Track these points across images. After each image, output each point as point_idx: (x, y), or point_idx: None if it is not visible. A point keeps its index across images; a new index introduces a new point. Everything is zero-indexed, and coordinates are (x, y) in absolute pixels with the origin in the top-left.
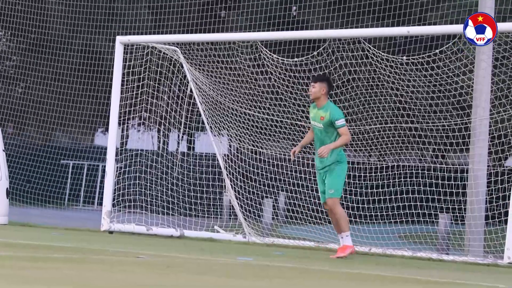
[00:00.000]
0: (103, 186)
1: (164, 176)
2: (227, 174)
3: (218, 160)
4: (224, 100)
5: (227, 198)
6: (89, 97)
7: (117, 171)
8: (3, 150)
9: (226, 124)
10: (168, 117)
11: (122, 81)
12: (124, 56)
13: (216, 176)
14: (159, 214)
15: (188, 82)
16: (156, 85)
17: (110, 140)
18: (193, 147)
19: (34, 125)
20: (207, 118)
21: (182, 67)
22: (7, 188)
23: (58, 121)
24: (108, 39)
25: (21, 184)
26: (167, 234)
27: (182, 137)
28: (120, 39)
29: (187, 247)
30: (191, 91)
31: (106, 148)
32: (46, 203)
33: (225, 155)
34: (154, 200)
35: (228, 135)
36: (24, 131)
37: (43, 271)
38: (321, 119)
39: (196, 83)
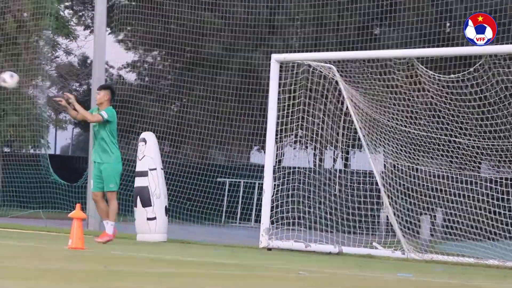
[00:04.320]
0: (260, 203)
1: (321, 193)
2: (385, 191)
3: (374, 177)
4: (380, 117)
5: (384, 215)
6: (245, 115)
7: (274, 189)
8: (162, 169)
9: (383, 141)
10: (323, 134)
11: (278, 99)
12: (279, 74)
13: (374, 193)
14: (317, 230)
15: (343, 100)
16: (312, 102)
17: (268, 157)
18: (349, 164)
19: (190, 143)
20: (364, 135)
21: (338, 84)
22: (165, 206)
23: (214, 139)
24: (265, 57)
25: (179, 201)
26: (326, 251)
27: (338, 154)
28: (276, 57)
29: (346, 264)
30: (347, 108)
31: (262, 166)
32: (204, 220)
33: (382, 172)
34: (312, 217)
35: (384, 152)
36: (180, 149)
37: (201, 286)
38: None
39: (352, 100)
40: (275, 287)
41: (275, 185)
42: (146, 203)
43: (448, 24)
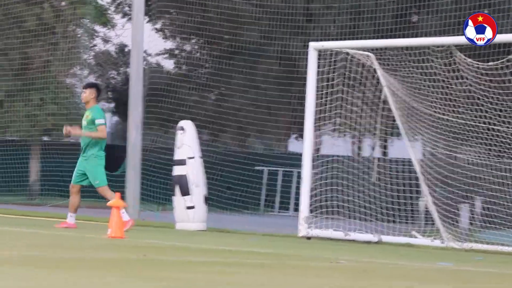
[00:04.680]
0: (298, 192)
1: (359, 181)
2: (423, 180)
3: (413, 166)
4: (419, 105)
5: (423, 203)
6: (283, 104)
7: (313, 177)
8: (200, 157)
9: (421, 129)
10: (362, 122)
11: (316, 87)
12: (318, 62)
13: (413, 182)
14: (356, 219)
15: (382, 88)
16: (350, 90)
17: (306, 146)
18: (387, 152)
19: (229, 131)
20: (402, 123)
21: (376, 72)
22: (204, 195)
23: (252, 127)
24: (303, 45)
25: (218, 190)
26: (365, 240)
27: (376, 142)
28: (314, 45)
29: (385, 253)
30: (385, 96)
31: (300, 154)
32: (243, 209)
33: (420, 160)
34: (351, 206)
35: (422, 140)
36: (219, 137)
37: (235, 276)
38: (86, 118)
39: (390, 88)
40: (314, 276)
41: (313, 173)
42: (185, 191)
43: (486, 11)
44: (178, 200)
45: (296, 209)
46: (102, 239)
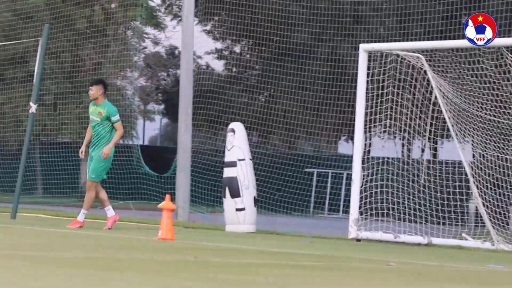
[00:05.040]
0: (348, 194)
1: (410, 183)
2: (473, 181)
3: (463, 167)
4: (469, 106)
5: (473, 205)
6: (332, 105)
7: (363, 179)
8: (250, 159)
9: (471, 130)
10: (412, 124)
11: (366, 88)
12: (368, 63)
13: (463, 184)
14: (406, 221)
15: (432, 89)
16: (400, 92)
17: (356, 148)
18: (438, 154)
19: (279, 133)
20: (452, 125)
21: (426, 74)
22: (254, 197)
23: (302, 129)
24: (352, 47)
25: (267, 192)
26: (415, 242)
27: (426, 144)
28: (364, 47)
29: (435, 255)
30: (435, 98)
31: (350, 156)
32: (292, 211)
33: (470, 162)
34: (400, 208)
35: (473, 142)
36: (268, 139)
37: (291, 277)
38: (99, 114)
39: (440, 90)
40: (364, 278)
41: (363, 175)
42: (235, 193)
43: None
44: (228, 202)
45: (346, 211)
46: (152, 241)
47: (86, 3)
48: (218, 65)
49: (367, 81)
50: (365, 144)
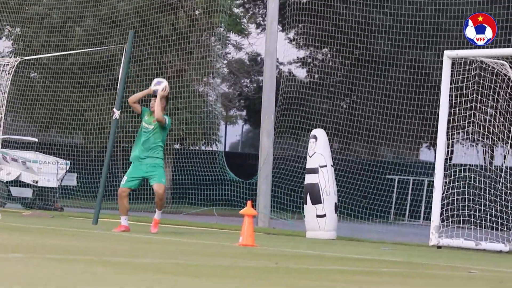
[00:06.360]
0: (429, 200)
1: (491, 190)
2: None
3: None
4: None
5: None
6: (414, 112)
7: (444, 186)
8: (332, 166)
9: None
10: (494, 131)
11: (449, 95)
12: (451, 70)
13: None
14: (487, 228)
15: None
16: (483, 99)
17: (439, 154)
18: None
19: (360, 139)
20: None
21: (510, 81)
22: (335, 203)
23: (383, 136)
24: (435, 54)
25: (348, 198)
26: (496, 249)
27: (509, 151)
28: (448, 54)
29: None
30: None
31: (431, 163)
32: (373, 217)
33: None
34: (482, 215)
35: None
36: (350, 145)
37: (371, 284)
38: (154, 121)
39: None
40: (445, 285)
41: (445, 182)
42: (316, 200)
43: None
44: (309, 208)
45: (427, 218)
46: (233, 247)
47: (171, 10)
48: (301, 72)
49: (450, 88)
50: (447, 151)
